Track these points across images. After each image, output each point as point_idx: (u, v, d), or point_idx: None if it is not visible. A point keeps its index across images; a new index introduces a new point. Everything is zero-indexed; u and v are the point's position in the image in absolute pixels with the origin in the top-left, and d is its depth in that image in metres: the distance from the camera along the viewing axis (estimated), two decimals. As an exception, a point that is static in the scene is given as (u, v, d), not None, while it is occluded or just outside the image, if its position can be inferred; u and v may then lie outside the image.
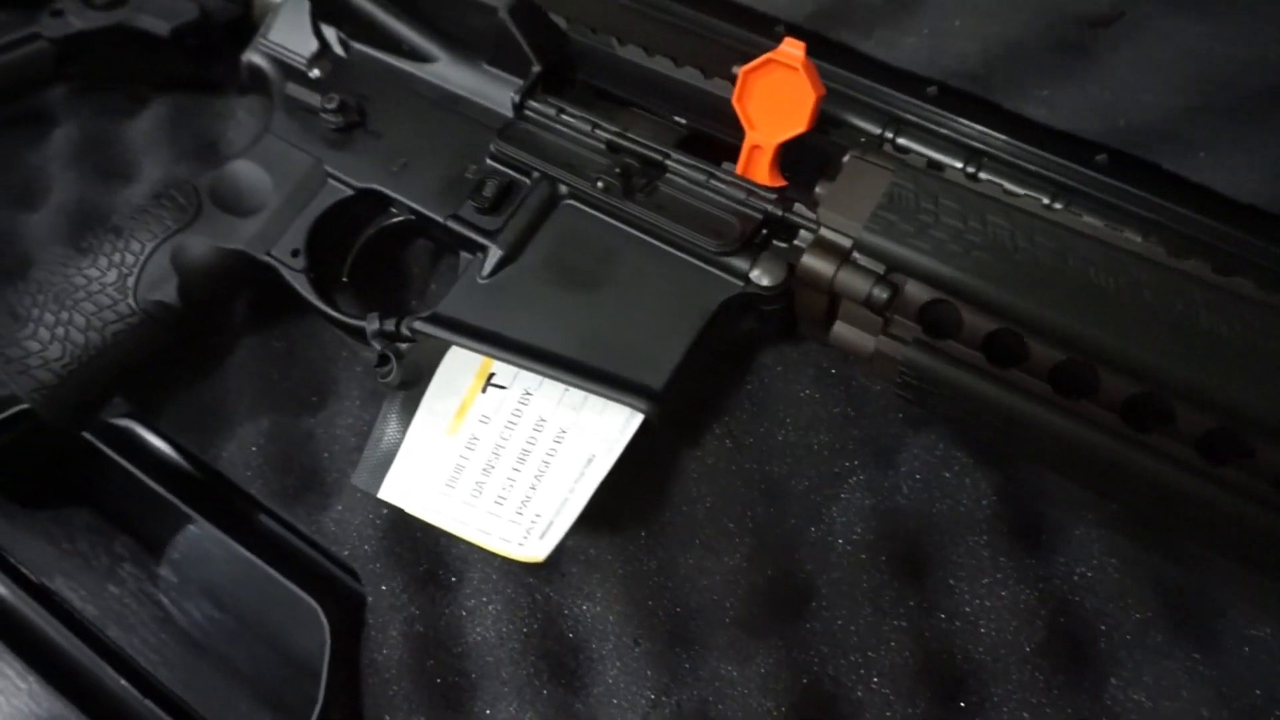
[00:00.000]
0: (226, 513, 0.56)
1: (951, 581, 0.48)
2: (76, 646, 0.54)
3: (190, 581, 0.59)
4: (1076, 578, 0.47)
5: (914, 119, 0.51)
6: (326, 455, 0.55)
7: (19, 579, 0.55)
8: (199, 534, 0.58)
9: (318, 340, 0.58)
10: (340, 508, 0.53)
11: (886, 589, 0.48)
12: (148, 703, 0.50)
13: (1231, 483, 0.37)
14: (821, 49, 0.53)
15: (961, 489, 0.49)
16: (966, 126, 0.50)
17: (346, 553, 0.52)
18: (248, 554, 0.53)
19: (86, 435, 0.54)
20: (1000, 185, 0.47)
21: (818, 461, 0.51)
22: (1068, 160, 0.48)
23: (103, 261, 0.51)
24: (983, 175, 0.48)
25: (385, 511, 0.51)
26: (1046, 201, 0.47)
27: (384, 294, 0.57)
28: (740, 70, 0.45)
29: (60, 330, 0.50)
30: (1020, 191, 0.47)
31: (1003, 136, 0.49)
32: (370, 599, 0.51)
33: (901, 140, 0.50)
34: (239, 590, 0.57)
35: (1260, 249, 0.43)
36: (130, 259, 0.51)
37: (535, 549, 0.43)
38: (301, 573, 0.53)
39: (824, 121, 0.50)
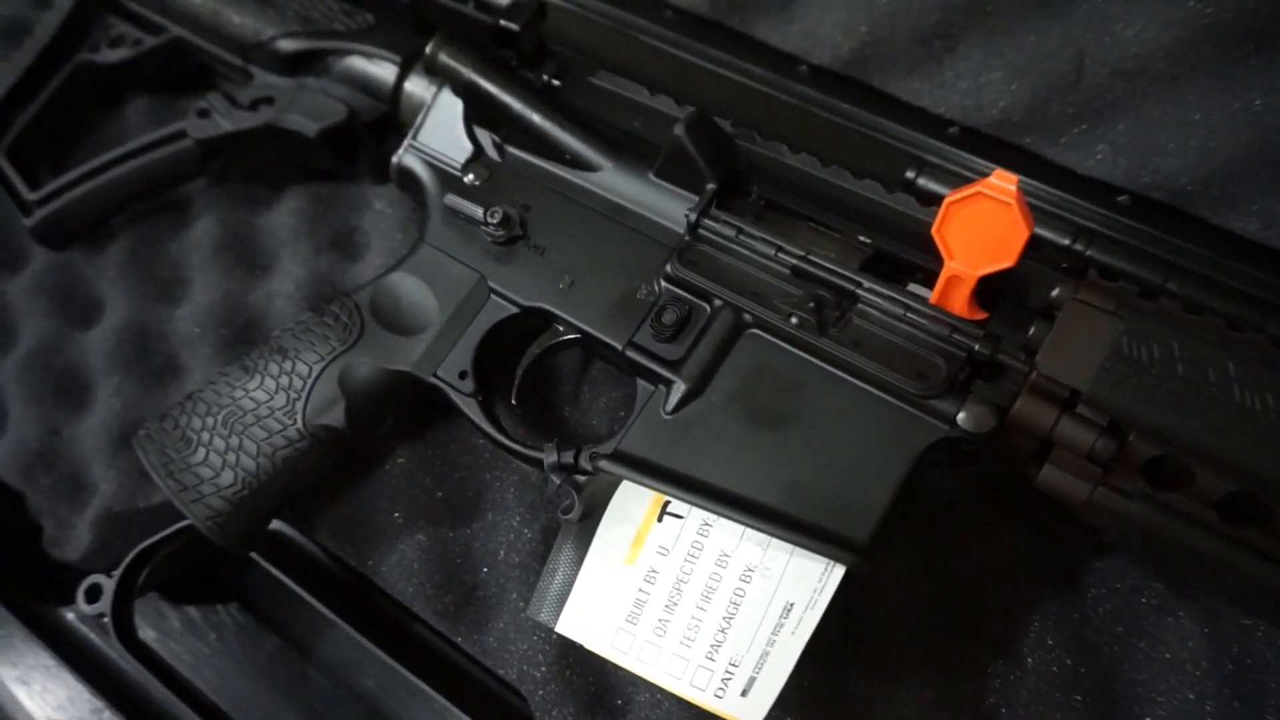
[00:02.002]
0: (382, 625, 0.55)
1: (1152, 725, 0.46)
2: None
3: (345, 687, 0.59)
4: (1294, 729, 0.45)
5: (1105, 231, 0.49)
6: (485, 570, 0.54)
7: (167, 676, 0.55)
8: (351, 641, 0.57)
9: (469, 446, 0.57)
10: (502, 625, 0.53)
11: (1083, 733, 0.46)
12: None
13: None
14: (1003, 153, 0.51)
15: (1160, 624, 0.47)
16: (1163, 239, 0.48)
17: (514, 675, 0.51)
18: (406, 673, 0.53)
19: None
20: (1204, 304, 0.45)
21: (1002, 589, 0.49)
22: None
23: (269, 384, 0.50)
24: (1182, 293, 0.46)
25: (554, 635, 0.50)
26: (1254, 324, 0.44)
27: (550, 413, 0.56)
28: (945, 201, 0.43)
29: (231, 457, 0.49)
30: (1228, 313, 0.45)
31: (1205, 251, 0.47)
32: (541, 729, 0.50)
33: (1091, 253, 0.48)
34: (396, 704, 0.56)
35: None
36: (298, 382, 0.50)
37: (743, 710, 0.41)
38: (465, 694, 0.52)
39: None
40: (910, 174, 0.52)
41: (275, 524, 0.58)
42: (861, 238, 0.48)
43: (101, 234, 0.67)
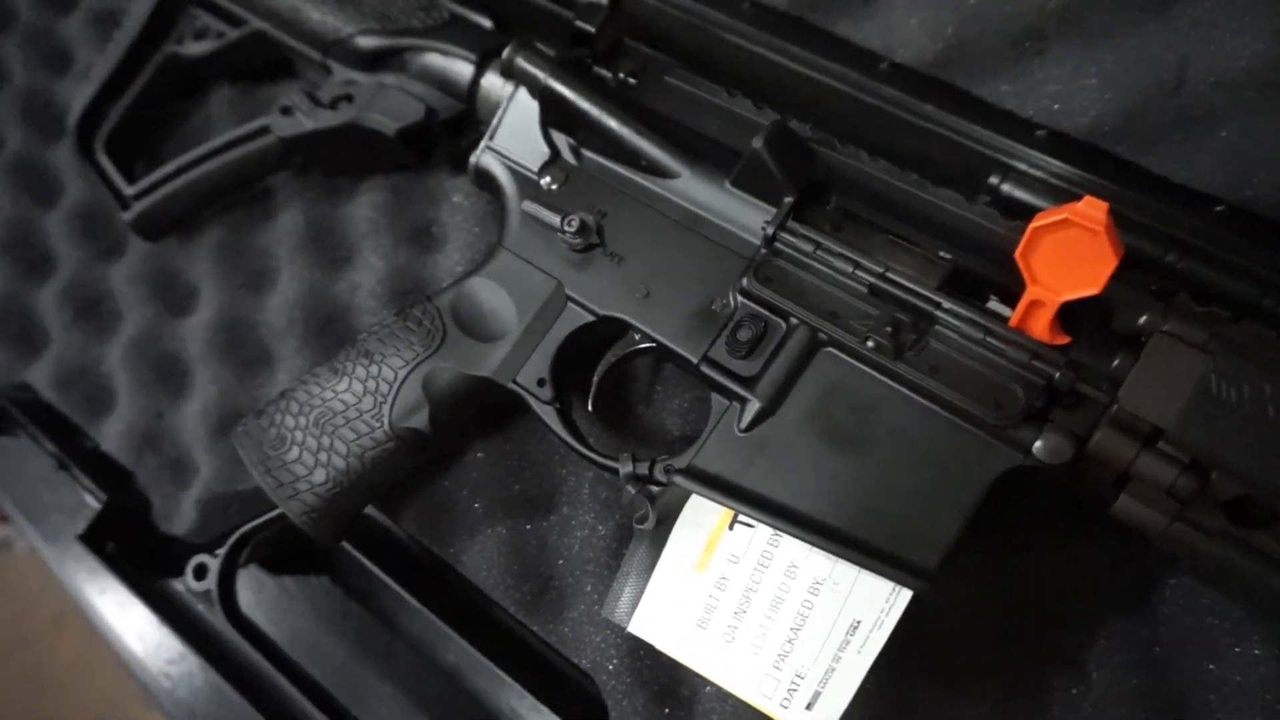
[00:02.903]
0: (460, 610, 0.59)
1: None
2: (315, 713, 0.58)
3: (428, 660, 0.62)
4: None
5: (1200, 244, 0.47)
6: (561, 562, 0.57)
7: (283, 664, 0.59)
8: (432, 621, 0.61)
9: (545, 442, 0.59)
10: (575, 616, 0.55)
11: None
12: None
13: None
14: (1094, 160, 0.50)
15: (1230, 647, 0.47)
16: (1261, 253, 0.46)
17: (587, 664, 0.54)
18: (482, 656, 0.56)
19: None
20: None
21: (1073, 609, 0.49)
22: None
23: (357, 386, 0.53)
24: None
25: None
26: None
27: (621, 417, 0.57)
28: (1031, 225, 0.42)
29: (323, 456, 0.52)
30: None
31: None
32: (614, 717, 0.52)
33: (1184, 266, 0.47)
34: (476, 680, 0.60)
35: None
36: (384, 386, 0.52)
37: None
38: (540, 679, 0.55)
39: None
40: (994, 180, 0.51)
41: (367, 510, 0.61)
42: (942, 253, 0.47)
43: (194, 225, 0.70)
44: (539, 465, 0.59)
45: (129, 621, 0.62)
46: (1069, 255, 0.42)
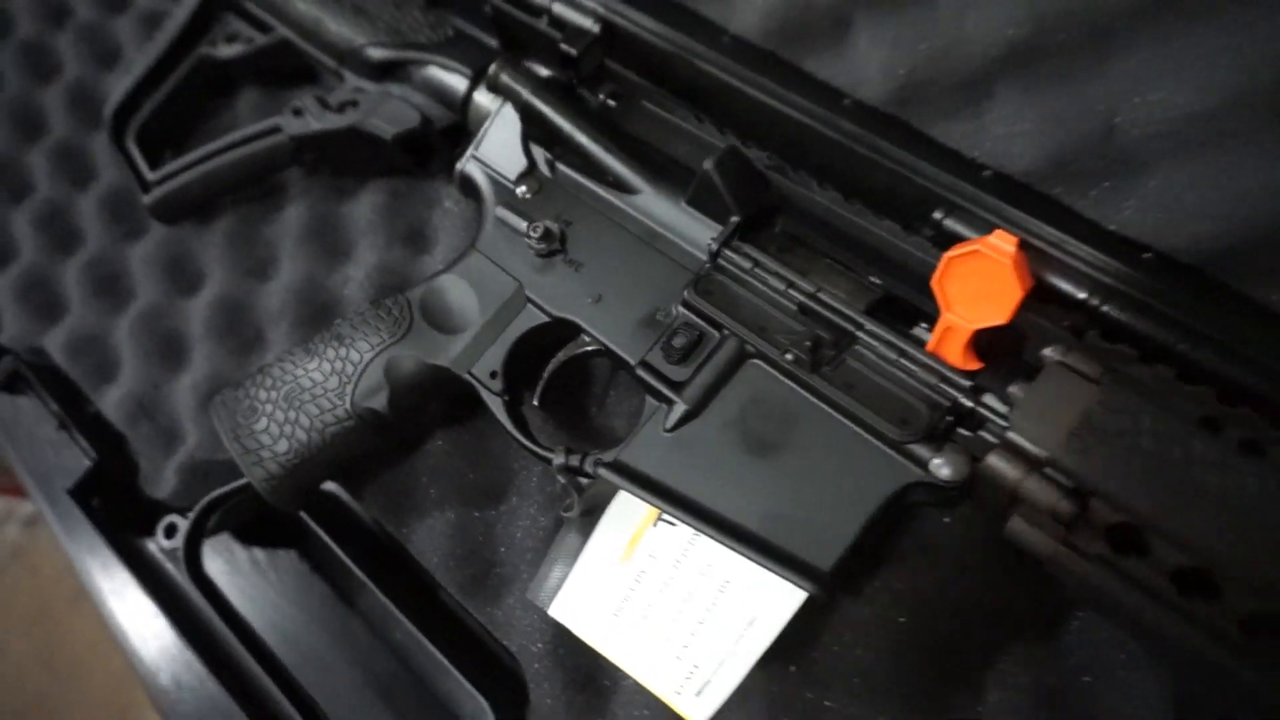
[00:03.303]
0: (407, 589, 0.61)
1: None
2: (265, 679, 0.62)
3: (377, 636, 0.65)
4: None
5: (1124, 288, 0.49)
6: (503, 550, 0.60)
7: (234, 623, 0.63)
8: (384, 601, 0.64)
9: (504, 437, 0.62)
10: (511, 601, 0.58)
11: (1040, 778, 0.47)
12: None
13: None
14: (1031, 202, 0.52)
15: (1128, 680, 0.48)
16: (1181, 301, 0.48)
17: (514, 647, 0.57)
18: (423, 639, 0.59)
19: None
20: (1216, 370, 0.45)
21: (979, 627, 0.51)
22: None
23: (326, 366, 0.57)
24: (1196, 356, 0.46)
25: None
26: (1264, 392, 0.44)
27: (570, 415, 0.60)
28: (945, 255, 0.44)
29: (288, 428, 0.56)
30: (1239, 379, 0.45)
31: (1227, 319, 0.47)
32: (534, 698, 0.55)
33: (1107, 309, 0.49)
34: (419, 658, 0.62)
35: None
36: (350, 368, 0.56)
37: (693, 708, 0.45)
38: (470, 659, 0.58)
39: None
40: (938, 214, 0.53)
41: (330, 486, 0.65)
42: (874, 279, 0.50)
43: (210, 213, 0.75)
44: (495, 458, 0.62)
45: (108, 576, 0.67)
46: (980, 285, 0.44)
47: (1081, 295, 0.49)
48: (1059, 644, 0.49)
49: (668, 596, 0.49)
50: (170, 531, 0.62)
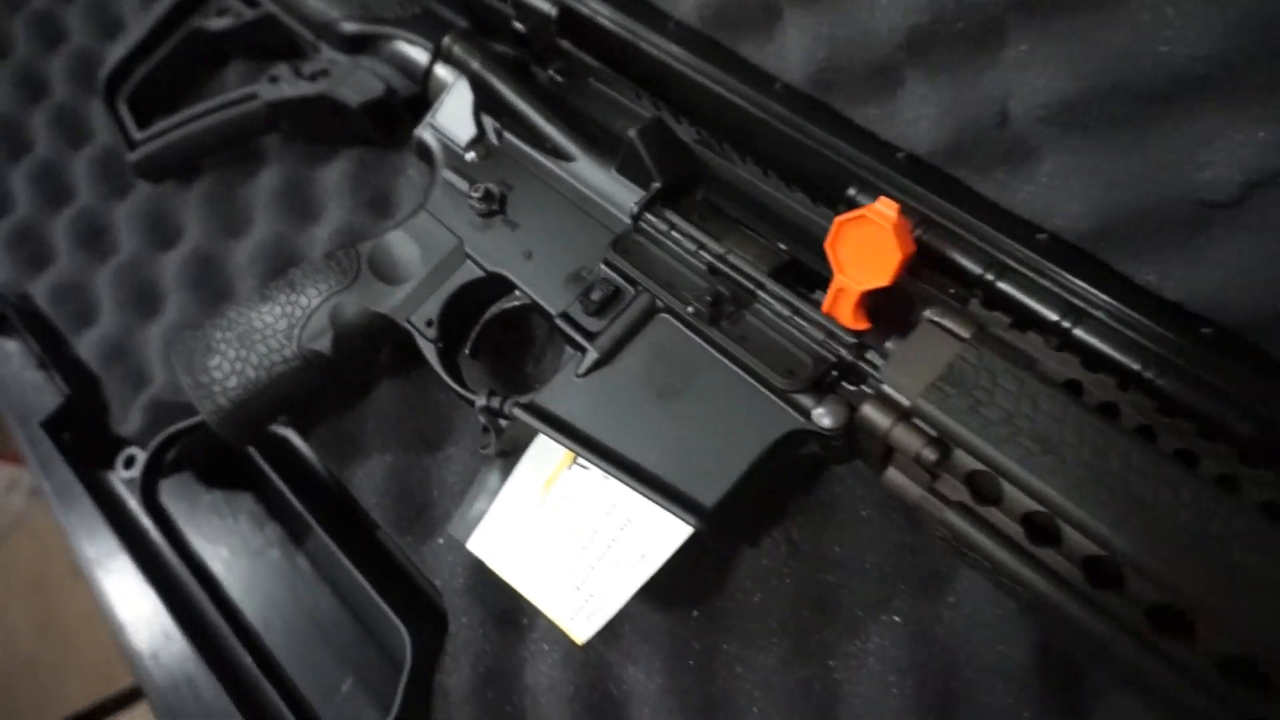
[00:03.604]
0: (347, 527, 0.65)
1: (976, 723, 0.50)
2: (212, 610, 0.65)
3: (321, 573, 0.69)
4: (1103, 748, 0.48)
5: (1017, 265, 0.52)
6: (436, 492, 0.63)
7: (183, 551, 0.67)
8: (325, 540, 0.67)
9: (446, 389, 0.66)
10: (440, 541, 0.61)
11: (907, 715, 0.50)
12: (261, 675, 0.60)
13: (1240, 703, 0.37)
14: (939, 182, 0.55)
15: (1006, 636, 0.51)
16: (1070, 281, 0.51)
17: (439, 583, 0.60)
18: (355, 571, 0.62)
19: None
20: (1094, 346, 0.48)
21: (867, 580, 0.54)
22: (1171, 332, 0.48)
23: (277, 310, 0.60)
24: (1078, 332, 0.49)
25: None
26: (1138, 368, 0.47)
27: (502, 364, 0.64)
28: (836, 220, 0.48)
29: (239, 365, 0.60)
30: (1115, 355, 0.48)
31: (1106, 297, 0.50)
32: (452, 629, 0.58)
33: (1001, 285, 0.52)
34: (351, 592, 0.66)
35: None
36: (299, 312, 0.60)
37: (580, 629, 0.49)
38: (398, 593, 0.61)
39: (926, 256, 0.53)
40: (852, 191, 0.56)
41: (284, 431, 0.69)
42: (782, 245, 0.53)
43: (191, 173, 0.79)
44: (436, 408, 0.66)
45: (74, 504, 0.71)
46: (866, 249, 0.47)
47: (978, 270, 0.52)
48: (944, 599, 0.52)
49: (574, 534, 0.52)
50: (129, 463, 0.66)
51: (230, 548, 0.71)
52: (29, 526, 2.12)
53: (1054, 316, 0.50)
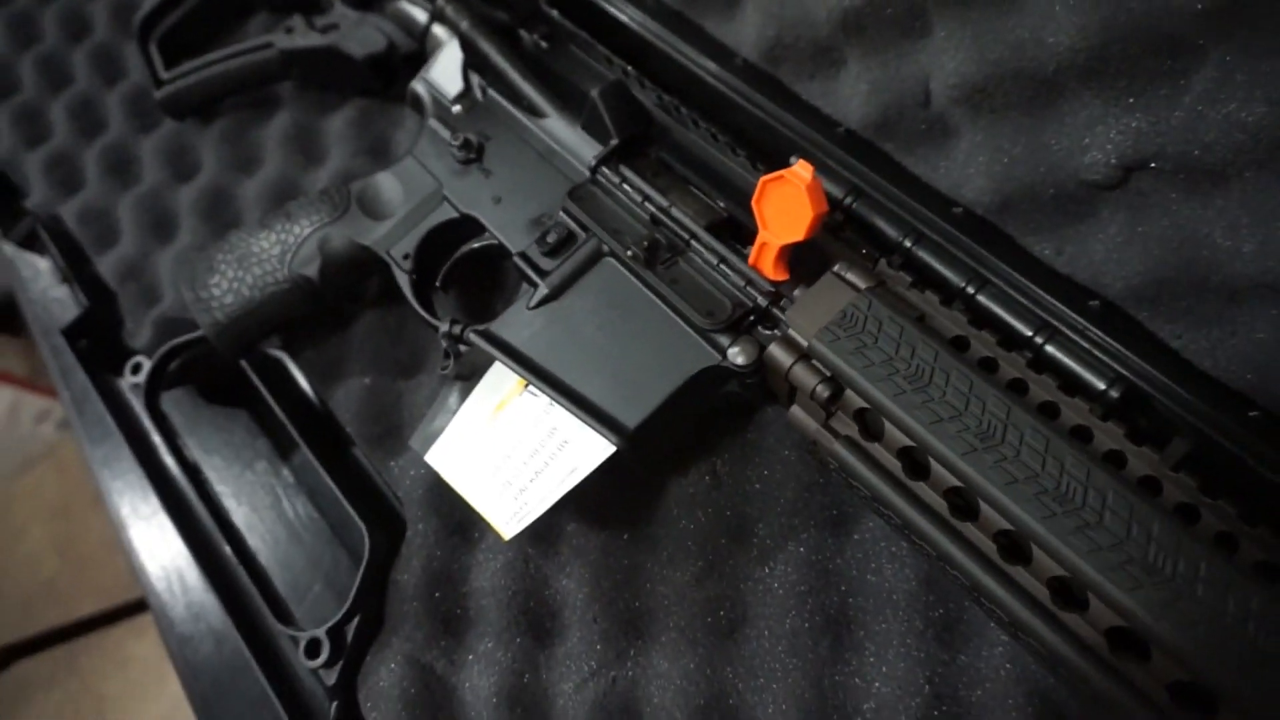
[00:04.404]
0: (327, 443, 0.72)
1: (865, 645, 0.55)
2: (203, 511, 0.73)
3: (302, 485, 0.76)
4: (970, 674, 0.53)
5: (933, 235, 0.57)
6: (406, 414, 0.70)
7: (179, 455, 0.74)
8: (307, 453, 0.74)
9: (422, 322, 0.72)
10: (405, 458, 0.68)
11: (804, 635, 0.55)
12: (242, 570, 0.67)
13: (1063, 624, 0.42)
14: (870, 155, 0.60)
15: (897, 570, 0.56)
16: (978, 251, 0.55)
17: (401, 494, 0.66)
18: (330, 480, 0.69)
19: (244, 363, 0.72)
20: (994, 311, 0.53)
21: (781, 514, 0.59)
22: (1062, 302, 0.53)
23: (273, 237, 0.67)
24: (980, 298, 0.54)
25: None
26: (1030, 334, 0.52)
27: (470, 299, 0.70)
28: (761, 179, 0.53)
29: (235, 284, 0.66)
30: (1011, 321, 0.53)
31: (1007, 268, 0.55)
32: (409, 535, 0.65)
33: (918, 251, 0.57)
34: (328, 502, 0.73)
35: (1203, 415, 0.47)
36: (291, 239, 0.66)
37: (509, 528, 0.55)
38: (365, 500, 0.68)
39: (850, 221, 0.58)
40: (793, 160, 0.61)
41: (278, 353, 0.76)
42: (720, 203, 0.59)
43: (211, 113, 0.86)
44: (413, 339, 0.72)
45: (86, 408, 0.78)
46: (785, 207, 0.52)
47: (898, 238, 0.57)
48: (845, 538, 0.57)
49: (519, 451, 0.58)
50: (136, 369, 0.74)
51: (224, 457, 0.78)
52: (58, 456, 2.21)
53: (960, 282, 0.55)
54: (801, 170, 0.51)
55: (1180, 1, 0.42)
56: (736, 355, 0.52)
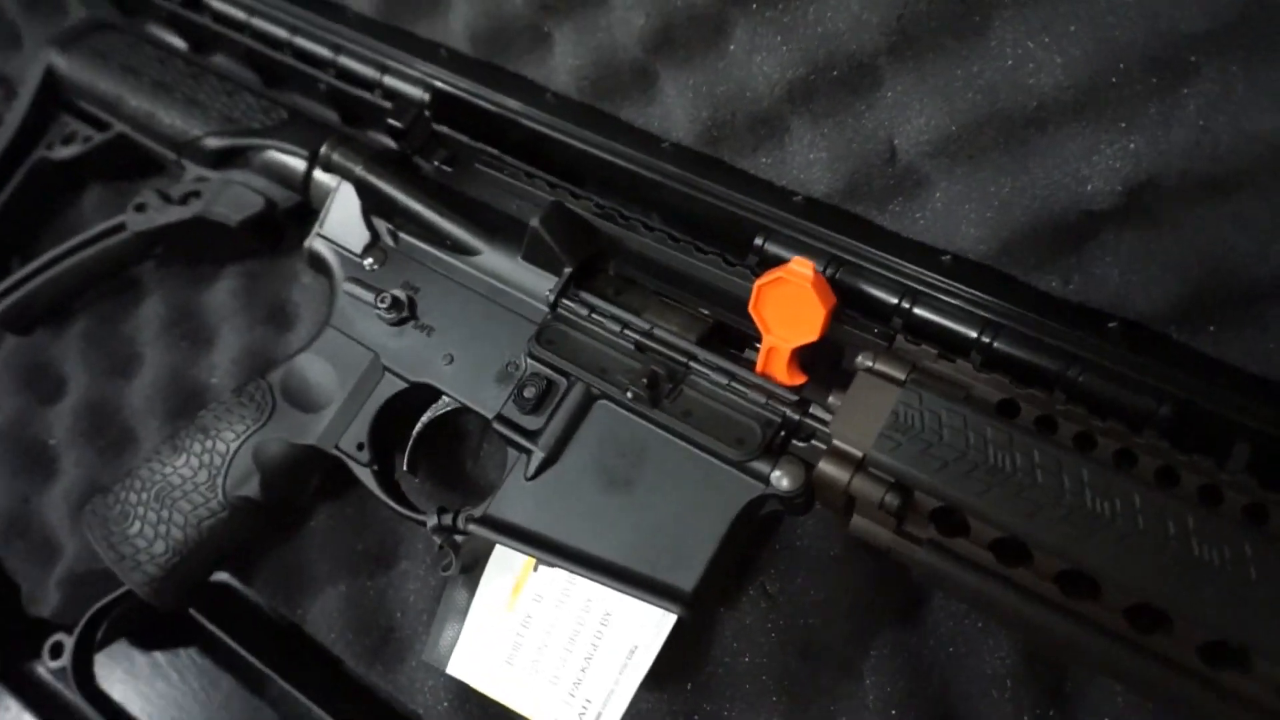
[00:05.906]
0: (309, 669, 0.62)
1: (980, 734, 0.51)
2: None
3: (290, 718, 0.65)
4: (1097, 735, 0.50)
5: (927, 290, 0.53)
6: (399, 614, 0.61)
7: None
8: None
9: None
10: (414, 664, 0.59)
11: (918, 746, 0.51)
12: None
13: (1219, 686, 0.39)
14: (838, 220, 0.56)
15: (984, 645, 0.52)
16: (980, 297, 0.52)
17: (421, 709, 0.58)
18: (322, 712, 0.59)
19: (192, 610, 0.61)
20: (1016, 355, 0.50)
21: (848, 617, 0.54)
22: (1080, 330, 0.50)
23: (194, 461, 0.57)
24: (998, 345, 0.51)
25: (455, 674, 0.57)
26: (1057, 369, 0.49)
27: (446, 473, 0.62)
28: (756, 283, 0.48)
29: (162, 528, 0.56)
30: (1035, 361, 0.50)
31: (1016, 307, 0.52)
32: (444, 760, 0.56)
33: (918, 310, 0.53)
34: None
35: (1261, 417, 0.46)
36: (218, 459, 0.57)
37: (579, 736, 0.48)
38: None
39: (842, 294, 0.54)
40: (759, 240, 0.57)
41: (221, 576, 0.65)
42: (703, 310, 0.54)
43: (64, 316, 0.74)
44: (379, 525, 0.63)
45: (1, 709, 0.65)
46: (789, 307, 0.48)
47: (893, 300, 0.54)
48: (922, 625, 0.53)
49: (555, 637, 0.51)
50: (57, 651, 0.61)
51: (182, 710, 0.67)
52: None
53: (973, 333, 0.52)
54: (800, 267, 0.47)
55: (1171, 25, 0.40)
56: (781, 480, 0.47)
